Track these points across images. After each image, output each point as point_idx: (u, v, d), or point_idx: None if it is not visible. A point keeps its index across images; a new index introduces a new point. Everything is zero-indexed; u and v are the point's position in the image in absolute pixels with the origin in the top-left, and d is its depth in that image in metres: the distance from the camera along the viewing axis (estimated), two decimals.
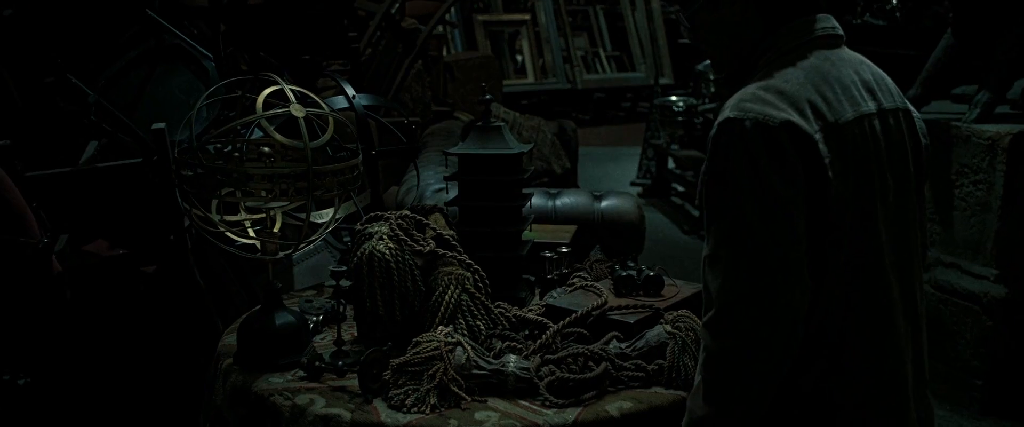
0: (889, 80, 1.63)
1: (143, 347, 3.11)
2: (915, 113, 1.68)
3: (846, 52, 1.59)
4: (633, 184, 7.97)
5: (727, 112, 1.45)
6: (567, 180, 5.41)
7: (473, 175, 2.47)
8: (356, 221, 2.35)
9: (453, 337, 1.95)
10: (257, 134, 2.50)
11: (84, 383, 3.01)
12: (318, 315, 2.36)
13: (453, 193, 2.60)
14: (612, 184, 7.74)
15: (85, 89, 2.83)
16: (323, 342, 2.26)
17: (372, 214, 2.19)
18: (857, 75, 1.56)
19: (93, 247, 3.13)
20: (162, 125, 2.74)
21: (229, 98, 2.54)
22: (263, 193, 1.94)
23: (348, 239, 2.85)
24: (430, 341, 1.93)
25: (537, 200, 3.03)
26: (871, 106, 1.54)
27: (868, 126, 1.52)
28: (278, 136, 1.88)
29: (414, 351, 1.92)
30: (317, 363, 2.01)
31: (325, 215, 2.47)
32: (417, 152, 2.77)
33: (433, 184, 3.79)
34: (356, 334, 2.31)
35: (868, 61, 1.62)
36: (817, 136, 1.44)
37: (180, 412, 2.90)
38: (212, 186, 1.89)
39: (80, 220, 3.05)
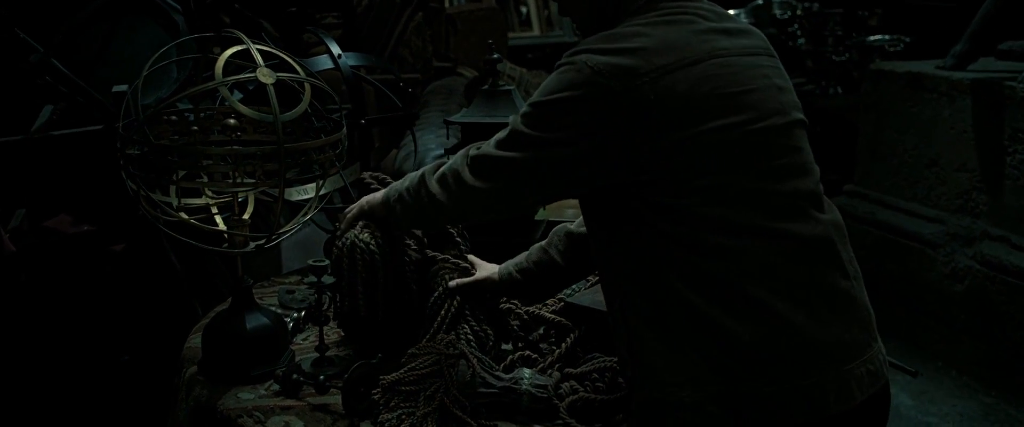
0: (754, 30, 1.54)
1: (112, 335, 2.81)
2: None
3: (705, 5, 1.49)
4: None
5: (562, 59, 1.42)
6: None
7: None
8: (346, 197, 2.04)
9: (455, 348, 1.64)
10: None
11: (42, 376, 2.72)
12: (300, 310, 2.05)
13: None
14: None
15: (33, 44, 2.48)
16: (305, 343, 1.95)
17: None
18: (708, 22, 1.45)
19: (55, 223, 2.81)
20: (124, 87, 2.40)
21: (207, 59, 2.21)
22: (227, 177, 1.61)
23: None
24: (428, 354, 1.62)
25: None
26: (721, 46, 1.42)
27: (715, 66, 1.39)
28: (241, 108, 1.54)
29: (409, 366, 1.60)
30: (295, 376, 1.70)
31: (308, 191, 2.15)
32: (414, 118, 2.43)
33: (434, 148, 3.45)
34: (343, 334, 1.99)
35: (729, 13, 1.53)
36: (645, 79, 1.34)
37: (151, 409, 2.60)
38: (162, 168, 1.56)
39: (39, 193, 2.73)
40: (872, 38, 5.74)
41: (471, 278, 1.81)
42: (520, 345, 1.77)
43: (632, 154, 1.34)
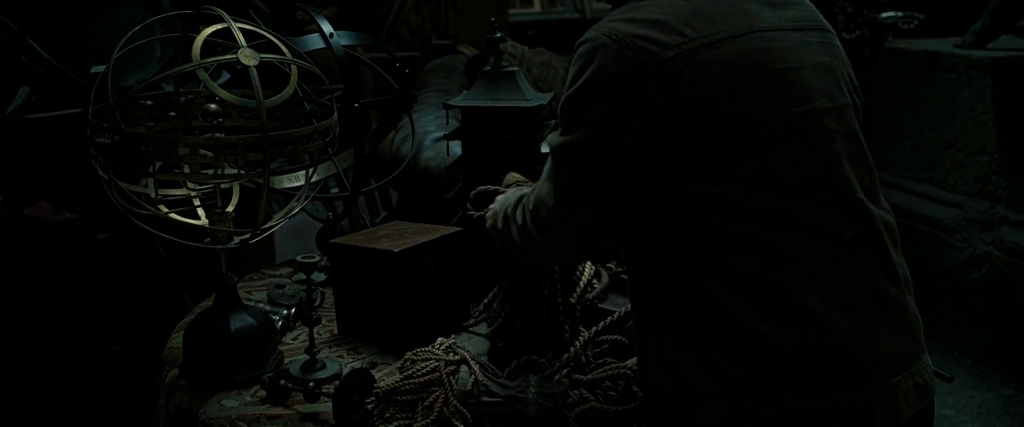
0: (804, 1, 1.39)
1: (100, 326, 2.69)
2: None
3: None
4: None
5: (583, 36, 1.29)
6: None
7: (480, 132, 2.00)
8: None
9: (455, 352, 1.51)
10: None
11: (30, 368, 2.61)
12: (290, 307, 1.92)
13: (454, 155, 2.14)
14: None
15: (7, 23, 2.34)
16: (295, 343, 1.82)
17: None
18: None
19: (35, 210, 2.68)
20: (103, 68, 2.26)
21: (189, 38, 2.06)
22: (207, 168, 1.48)
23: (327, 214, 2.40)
24: (426, 360, 1.49)
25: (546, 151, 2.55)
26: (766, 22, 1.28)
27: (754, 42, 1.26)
28: (220, 91, 1.41)
29: (406, 374, 1.47)
30: (282, 381, 1.57)
31: (299, 178, 2.02)
32: (411, 101, 2.29)
33: (433, 131, 3.32)
34: (336, 331, 1.87)
35: None
36: (679, 52, 1.21)
37: (143, 399, 2.48)
38: (134, 158, 1.43)
39: (16, 179, 2.59)
40: (884, 15, 5.58)
41: None
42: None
43: (668, 137, 1.21)
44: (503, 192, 1.66)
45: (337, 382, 1.55)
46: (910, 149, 4.02)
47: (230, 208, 1.70)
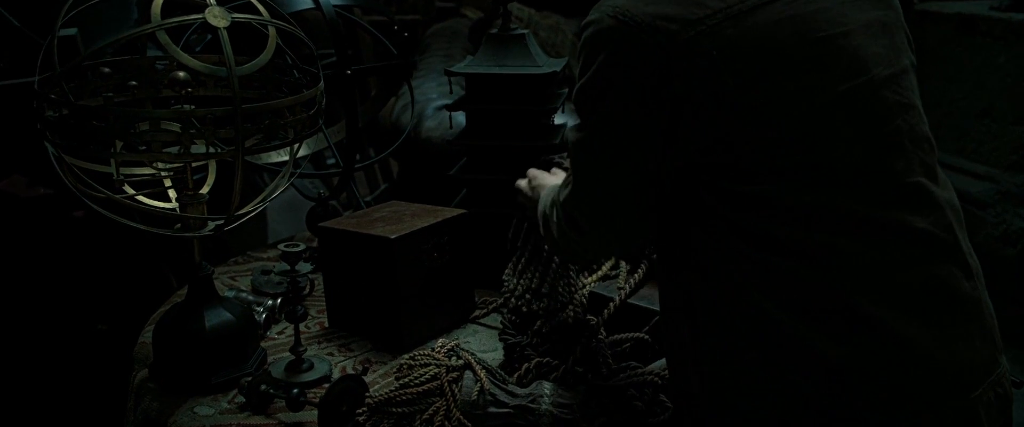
0: None
1: (85, 305, 2.51)
2: None
3: None
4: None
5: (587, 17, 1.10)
6: None
7: (486, 102, 1.80)
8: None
9: (458, 356, 1.33)
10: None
11: (14, 347, 2.45)
12: (276, 296, 1.73)
13: (458, 126, 1.94)
14: None
15: None
16: (280, 338, 1.64)
17: None
18: None
19: (8, 185, 2.50)
20: (73, 31, 2.07)
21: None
22: (172, 145, 1.28)
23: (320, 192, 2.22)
24: (425, 365, 1.31)
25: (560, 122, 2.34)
26: None
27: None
28: (183, 56, 1.21)
29: (403, 382, 1.29)
30: (263, 386, 1.39)
31: (284, 153, 1.83)
32: (411, 68, 2.08)
33: (435, 99, 3.12)
34: (326, 324, 1.69)
35: None
36: (702, 28, 1.00)
37: (111, 399, 2.31)
38: (87, 135, 1.24)
39: None
40: None
41: None
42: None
43: (698, 129, 1.01)
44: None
45: (326, 386, 1.38)
46: (940, 118, 3.80)
47: (205, 189, 1.51)
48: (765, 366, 1.04)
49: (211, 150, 1.27)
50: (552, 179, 1.47)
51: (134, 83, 1.38)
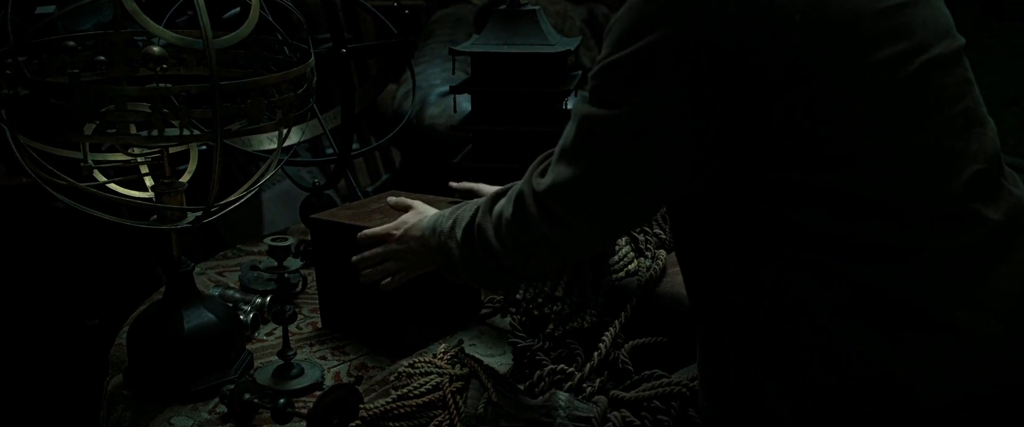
0: None
1: (76, 299, 2.39)
2: None
3: None
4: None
5: None
6: None
7: (494, 84, 1.66)
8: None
9: (462, 363, 1.19)
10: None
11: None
12: (265, 293, 1.60)
13: (463, 111, 1.81)
14: None
15: None
16: (269, 340, 1.51)
17: None
18: None
19: None
20: (50, 9, 1.95)
21: None
22: (146, 126, 1.15)
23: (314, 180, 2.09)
24: (425, 374, 1.17)
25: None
26: None
27: None
28: (154, 26, 1.07)
29: (400, 392, 1.16)
30: (247, 395, 1.26)
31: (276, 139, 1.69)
32: (411, 48, 1.94)
33: (440, 85, 2.99)
34: (319, 324, 1.55)
35: None
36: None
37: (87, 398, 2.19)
38: (46, 115, 1.10)
39: None
40: None
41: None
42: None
43: (773, 105, 0.87)
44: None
45: (317, 394, 1.25)
46: None
47: (185, 178, 1.38)
48: (821, 385, 0.90)
49: (186, 132, 1.13)
50: (428, 209, 1.30)
51: (102, 58, 1.25)
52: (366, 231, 1.34)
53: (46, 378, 2.42)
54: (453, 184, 1.44)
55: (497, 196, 1.12)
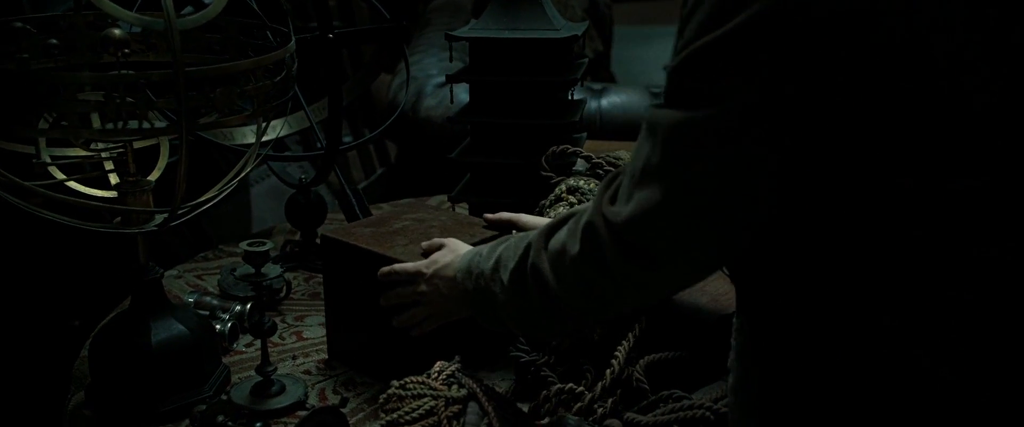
0: None
1: (57, 299, 2.28)
2: None
3: None
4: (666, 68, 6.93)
5: None
6: (599, 69, 4.43)
7: (494, 72, 1.54)
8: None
9: (460, 384, 1.06)
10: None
11: None
12: (246, 300, 1.47)
13: (461, 101, 1.68)
14: (646, 73, 6.72)
15: None
16: (249, 352, 1.38)
17: None
18: None
19: None
20: None
21: None
22: (108, 119, 1.02)
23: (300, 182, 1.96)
24: (419, 397, 1.05)
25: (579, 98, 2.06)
26: None
27: None
28: (111, 6, 0.94)
29: (389, 418, 1.03)
30: (220, 417, 1.13)
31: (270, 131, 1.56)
32: (402, 33, 1.80)
33: (436, 76, 2.87)
34: (305, 334, 1.42)
35: None
36: None
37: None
38: None
39: None
40: None
41: None
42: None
43: (903, 98, 0.71)
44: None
45: (299, 416, 1.13)
46: None
47: (154, 175, 1.25)
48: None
49: (147, 125, 1.01)
50: (461, 245, 1.15)
51: (54, 41, 1.12)
52: (390, 268, 1.18)
53: (15, 382, 2.31)
54: (487, 216, 1.28)
55: (552, 229, 0.95)
